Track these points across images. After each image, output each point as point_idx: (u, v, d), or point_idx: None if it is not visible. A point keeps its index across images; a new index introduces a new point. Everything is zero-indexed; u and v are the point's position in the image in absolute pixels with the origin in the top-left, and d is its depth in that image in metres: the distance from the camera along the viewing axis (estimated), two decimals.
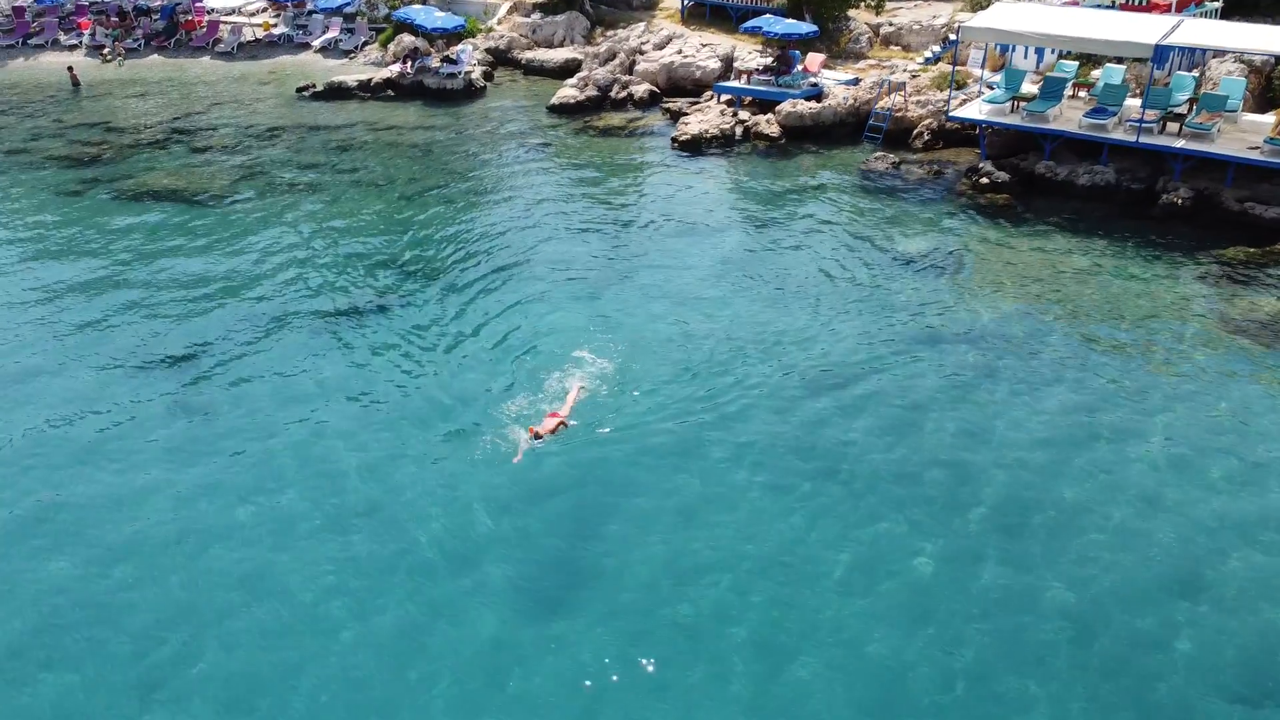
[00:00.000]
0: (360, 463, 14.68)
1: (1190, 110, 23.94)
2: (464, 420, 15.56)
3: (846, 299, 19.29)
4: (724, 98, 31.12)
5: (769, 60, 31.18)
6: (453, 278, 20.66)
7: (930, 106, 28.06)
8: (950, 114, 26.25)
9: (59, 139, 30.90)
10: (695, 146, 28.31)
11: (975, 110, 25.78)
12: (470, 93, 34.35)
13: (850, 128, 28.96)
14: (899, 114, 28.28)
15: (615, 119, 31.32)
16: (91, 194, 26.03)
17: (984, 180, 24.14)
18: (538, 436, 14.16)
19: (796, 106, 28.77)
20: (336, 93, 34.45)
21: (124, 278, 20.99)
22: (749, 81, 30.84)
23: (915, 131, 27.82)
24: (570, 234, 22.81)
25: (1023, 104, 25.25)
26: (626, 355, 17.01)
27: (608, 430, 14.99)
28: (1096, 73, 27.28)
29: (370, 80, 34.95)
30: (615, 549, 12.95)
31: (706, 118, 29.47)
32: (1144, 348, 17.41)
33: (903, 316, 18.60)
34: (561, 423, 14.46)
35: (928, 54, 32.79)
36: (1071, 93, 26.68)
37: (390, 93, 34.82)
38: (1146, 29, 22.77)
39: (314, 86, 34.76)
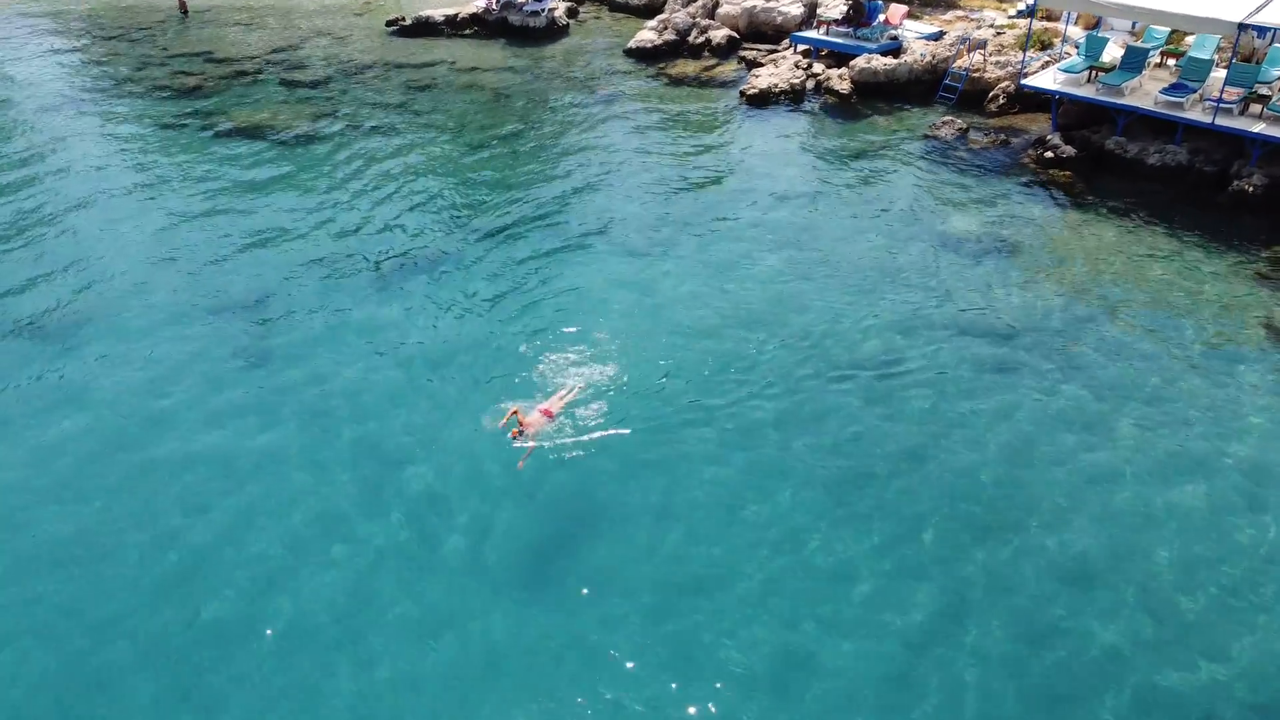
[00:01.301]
0: (372, 430, 15.28)
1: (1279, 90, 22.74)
2: (462, 399, 15.83)
3: (888, 281, 19.11)
4: (800, 48, 30.68)
5: (847, 9, 30.53)
6: (503, 232, 21.21)
7: (1010, 68, 27.13)
8: (1023, 82, 25.42)
9: (163, 68, 32.63)
10: (763, 101, 28.16)
11: (1049, 79, 24.90)
12: (552, 32, 34.68)
13: (926, 85, 28.33)
14: (976, 74, 27.46)
15: (690, 67, 31.26)
16: (187, 128, 27.59)
17: (1049, 155, 23.49)
18: (518, 435, 13.94)
19: (871, 62, 28.21)
20: (423, 28, 35.26)
21: (204, 213, 22.30)
22: (827, 32, 30.30)
23: (991, 94, 27.03)
24: (619, 192, 23.17)
25: (1099, 74, 24.30)
26: (649, 334, 17.16)
27: (613, 421, 14.97)
28: (1190, 39, 25.95)
29: (456, 16, 35.58)
30: (609, 552, 13.07)
31: (778, 71, 29.17)
32: (1182, 351, 17.02)
33: (944, 303, 18.34)
34: (538, 422, 14.26)
35: (1021, 5, 31.53)
36: (1159, 60, 25.53)
37: (475, 29, 35.43)
38: (1233, 4, 21.53)
39: (402, 21, 35.61)
